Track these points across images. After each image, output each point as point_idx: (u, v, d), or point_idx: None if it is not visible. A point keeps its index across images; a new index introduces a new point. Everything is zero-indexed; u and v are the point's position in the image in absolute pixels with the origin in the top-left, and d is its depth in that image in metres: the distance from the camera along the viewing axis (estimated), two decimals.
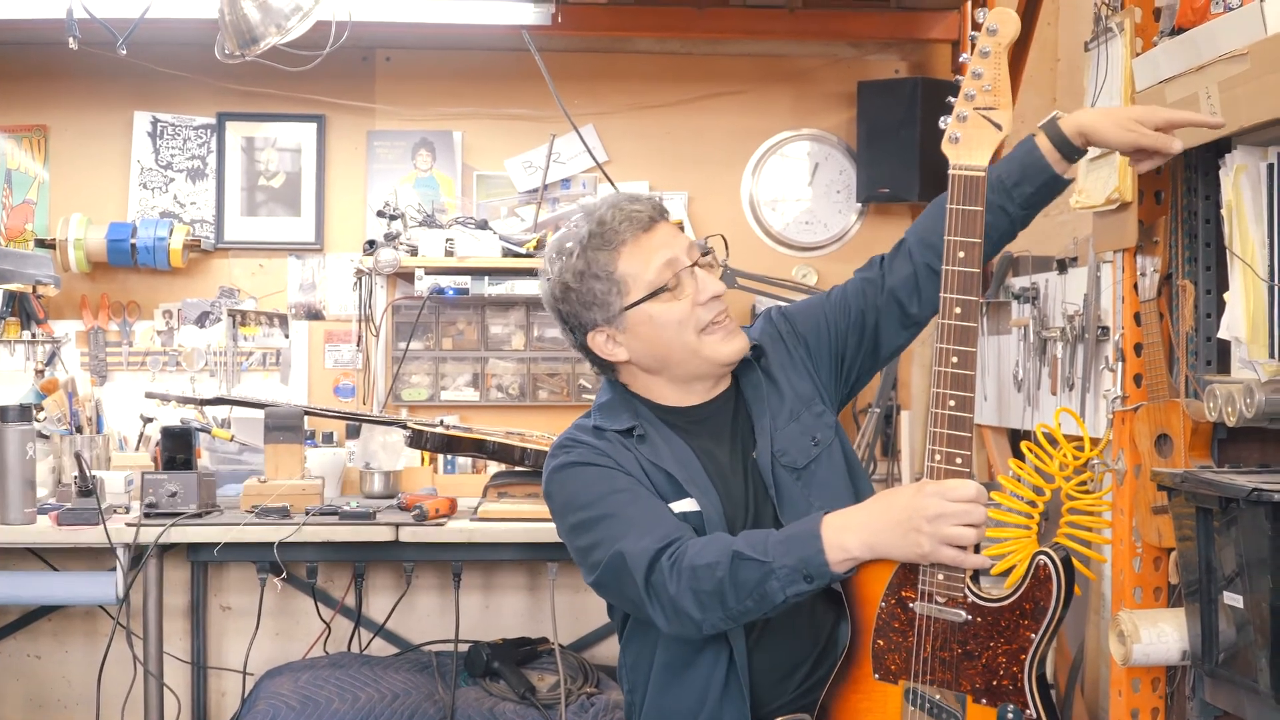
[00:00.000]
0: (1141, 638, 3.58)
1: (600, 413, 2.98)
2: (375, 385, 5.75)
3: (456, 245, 5.43)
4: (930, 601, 2.51)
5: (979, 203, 2.50)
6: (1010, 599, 2.46)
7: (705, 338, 2.87)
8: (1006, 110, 2.49)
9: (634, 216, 2.86)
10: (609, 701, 4.77)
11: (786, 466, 2.88)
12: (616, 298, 2.86)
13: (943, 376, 2.50)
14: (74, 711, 5.62)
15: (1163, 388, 3.65)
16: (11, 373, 5.61)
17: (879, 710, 2.61)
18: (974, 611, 2.48)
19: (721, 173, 5.85)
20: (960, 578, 2.48)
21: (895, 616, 2.56)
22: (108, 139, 5.77)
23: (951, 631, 2.50)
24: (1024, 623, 2.45)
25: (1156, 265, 3.64)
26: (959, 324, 2.49)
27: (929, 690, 2.53)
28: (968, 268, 2.49)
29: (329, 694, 4.75)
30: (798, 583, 2.57)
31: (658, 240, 2.87)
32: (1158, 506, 3.67)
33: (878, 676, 2.61)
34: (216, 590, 5.68)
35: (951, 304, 2.50)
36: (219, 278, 5.79)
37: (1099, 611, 4.69)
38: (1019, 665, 2.45)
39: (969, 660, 2.49)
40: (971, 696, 2.49)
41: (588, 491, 2.86)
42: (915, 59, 5.93)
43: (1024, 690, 2.45)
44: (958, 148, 2.51)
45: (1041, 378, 4.67)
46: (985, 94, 2.49)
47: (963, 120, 2.50)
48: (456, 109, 5.86)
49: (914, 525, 2.48)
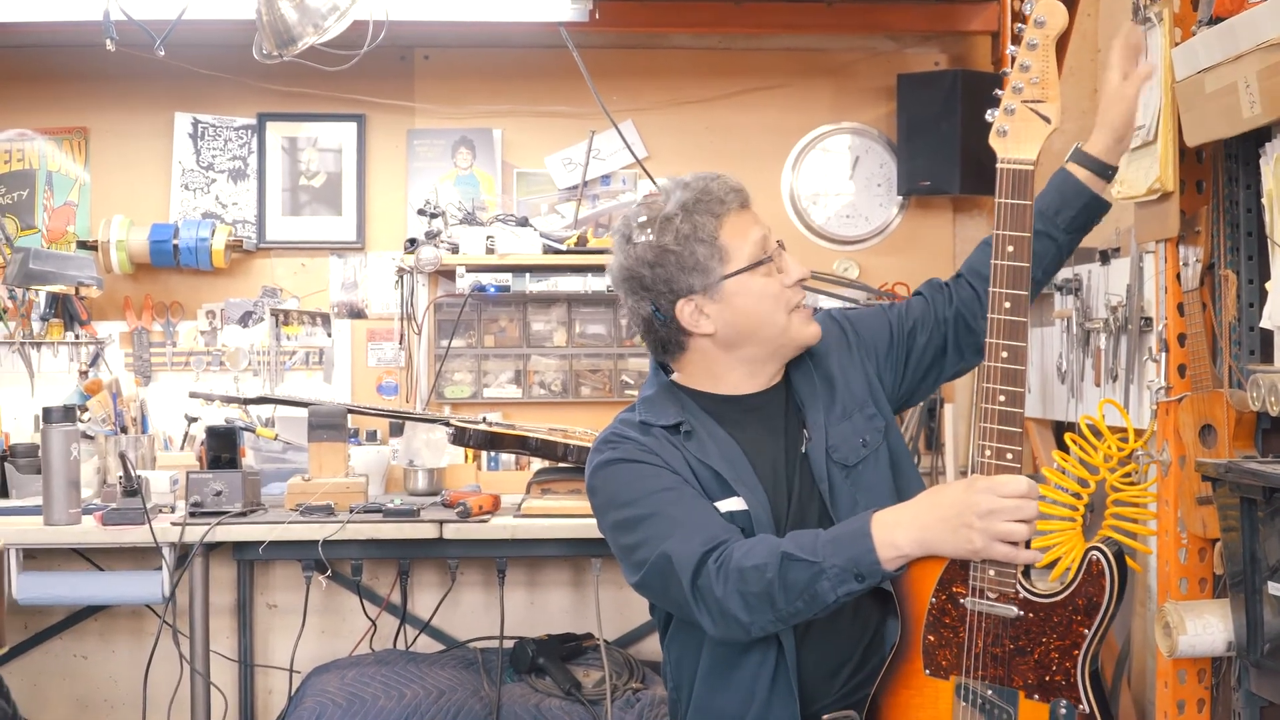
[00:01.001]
0: (1187, 629, 3.56)
1: (645, 407, 2.97)
2: (418, 383, 5.76)
3: (497, 243, 5.44)
4: (981, 597, 2.50)
5: (1028, 196, 2.49)
6: (1063, 594, 2.45)
7: (793, 317, 2.89)
8: (1055, 103, 2.47)
9: (736, 191, 2.90)
10: (655, 697, 4.77)
11: (838, 463, 2.87)
12: (718, 264, 2.86)
13: (992, 371, 2.48)
14: (120, 711, 5.64)
15: (1206, 378, 3.64)
16: (55, 374, 5.64)
17: (930, 706, 2.60)
18: (1026, 607, 2.46)
19: (762, 167, 5.84)
20: (1012, 573, 2.47)
21: (946, 612, 2.55)
22: (148, 140, 5.79)
23: (1003, 627, 2.49)
24: (1077, 618, 2.43)
25: (1199, 255, 3.62)
26: (1008, 319, 2.47)
27: (981, 686, 2.52)
28: (1017, 262, 2.47)
29: (375, 691, 4.76)
30: (849, 582, 2.57)
31: (753, 218, 2.91)
32: (1202, 497, 3.65)
33: (929, 672, 2.59)
34: (263, 588, 5.70)
35: (1001, 299, 2.49)
36: (261, 277, 5.82)
37: (1145, 603, 4.67)
38: (1072, 661, 2.44)
39: (1021, 656, 2.47)
40: (1024, 692, 2.48)
41: (631, 489, 2.84)
42: (955, 51, 5.90)
43: (1077, 686, 2.44)
44: (1006, 141, 2.50)
45: (1085, 369, 4.65)
46: (1033, 86, 2.48)
47: (1010, 113, 2.48)
48: (496, 106, 5.86)
49: (965, 521, 2.47)
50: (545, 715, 4.66)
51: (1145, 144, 3.70)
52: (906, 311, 3.07)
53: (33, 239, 5.71)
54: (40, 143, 5.76)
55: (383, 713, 4.62)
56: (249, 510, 4.74)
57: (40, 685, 5.63)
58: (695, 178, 2.92)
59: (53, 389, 5.60)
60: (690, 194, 2.88)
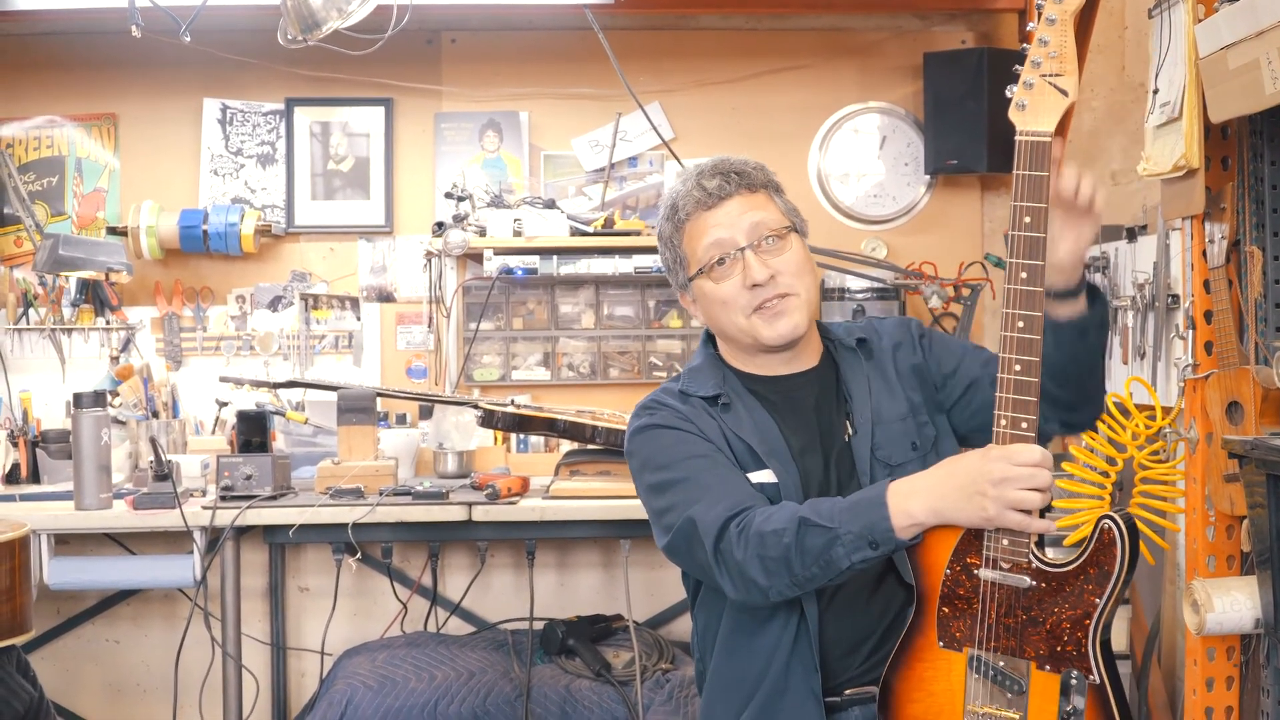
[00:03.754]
0: (1215, 606, 3.56)
1: (689, 377, 3.02)
2: (447, 366, 5.77)
3: (525, 225, 5.45)
4: (995, 568, 2.50)
5: (1045, 167, 2.48)
6: (1074, 563, 2.45)
7: (754, 318, 2.88)
8: (1072, 76, 2.47)
9: (701, 194, 2.90)
10: (684, 678, 4.78)
11: (882, 461, 2.87)
12: (681, 269, 2.95)
13: (1008, 341, 2.48)
14: (153, 695, 5.68)
15: (1233, 355, 3.63)
16: (86, 360, 5.67)
17: (944, 679, 2.60)
18: (1038, 577, 2.46)
19: (789, 148, 5.83)
20: (1025, 543, 2.46)
21: (960, 583, 2.55)
22: (177, 126, 5.81)
23: (1016, 597, 2.49)
24: (1088, 587, 2.43)
25: (1225, 232, 3.62)
26: (1024, 289, 2.47)
27: (993, 658, 2.52)
28: (1033, 233, 2.47)
29: (406, 673, 4.78)
30: (863, 549, 2.58)
31: (716, 219, 2.89)
32: (1229, 474, 3.65)
33: (942, 644, 2.60)
34: (294, 571, 5.73)
35: (1017, 269, 2.48)
36: (290, 262, 5.83)
37: (1174, 581, 4.66)
38: (1083, 630, 2.44)
39: (1033, 626, 2.47)
40: (1035, 663, 2.48)
41: (666, 454, 2.89)
42: (982, 29, 5.89)
43: (1088, 656, 2.44)
44: (1025, 114, 2.49)
45: (1113, 347, 4.64)
46: (1051, 60, 2.48)
47: (1029, 88, 2.48)
48: (522, 89, 5.87)
49: (979, 489, 2.47)
50: (575, 696, 4.67)
51: (1170, 120, 3.70)
52: (977, 353, 3.03)
53: (63, 225, 5.74)
54: (69, 129, 5.79)
55: (413, 694, 4.64)
56: (279, 494, 4.76)
57: (72, 670, 5.67)
58: (687, 174, 2.97)
59: (84, 375, 5.63)
60: (671, 197, 2.97)
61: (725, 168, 2.93)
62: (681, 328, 5.72)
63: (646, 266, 5.43)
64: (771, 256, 2.87)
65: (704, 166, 2.95)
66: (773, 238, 2.88)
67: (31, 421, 5.48)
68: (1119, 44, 5.52)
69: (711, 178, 2.91)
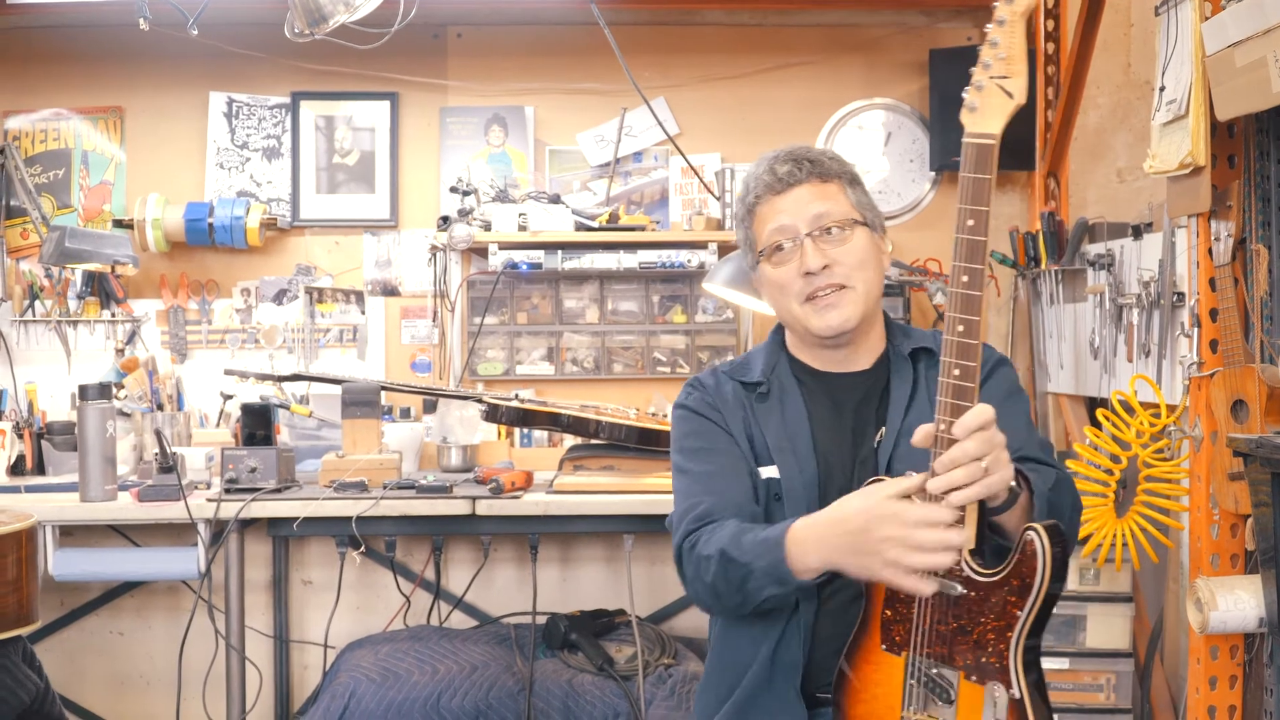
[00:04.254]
0: (1219, 605, 3.57)
1: (744, 359, 3.11)
2: (451, 360, 5.78)
3: (529, 220, 5.45)
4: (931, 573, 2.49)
5: (989, 171, 2.47)
6: (1001, 574, 2.41)
7: (806, 306, 2.92)
8: (1019, 78, 2.46)
9: (771, 178, 2.95)
10: (687, 673, 4.78)
11: (897, 472, 2.87)
12: (750, 251, 3.02)
13: (949, 345, 2.47)
14: (156, 687, 5.69)
15: (1238, 353, 3.63)
16: (92, 352, 5.68)
17: (886, 682, 2.61)
18: (969, 585, 2.43)
19: (793, 143, 5.81)
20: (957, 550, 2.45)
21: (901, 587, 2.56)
22: (183, 119, 5.82)
23: (949, 605, 2.47)
24: (1011, 599, 2.39)
25: (1230, 230, 3.62)
26: (965, 292, 2.45)
27: (926, 664, 2.52)
28: (976, 236, 2.46)
29: (409, 666, 4.79)
30: (772, 585, 2.67)
31: (782, 204, 2.93)
32: (1234, 473, 3.65)
33: (885, 648, 2.60)
34: (298, 564, 5.74)
35: (959, 271, 2.47)
36: (296, 255, 5.84)
37: (1177, 579, 4.67)
38: (1005, 643, 2.40)
39: (962, 635, 2.45)
40: (964, 673, 2.45)
41: (686, 440, 3.01)
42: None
43: (1009, 669, 2.40)
44: (974, 116, 2.50)
45: (1118, 344, 4.64)
46: (1000, 62, 2.47)
47: (979, 89, 2.48)
48: (528, 84, 5.87)
49: (867, 548, 2.47)
50: (578, 690, 4.68)
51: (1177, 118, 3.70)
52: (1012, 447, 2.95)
53: (69, 218, 5.75)
54: (76, 122, 5.79)
55: (416, 687, 4.65)
56: (283, 487, 4.77)
57: (76, 661, 5.68)
58: (763, 159, 3.01)
59: (89, 367, 5.65)
60: (745, 179, 3.02)
61: (799, 155, 2.96)
62: (685, 323, 5.72)
63: (651, 262, 5.44)
64: (832, 247, 2.89)
65: (780, 152, 2.99)
66: (836, 228, 2.90)
67: (37, 413, 5.49)
68: (1125, 41, 5.52)
69: (784, 164, 2.95)
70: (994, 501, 2.44)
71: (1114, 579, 4.65)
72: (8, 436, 5.27)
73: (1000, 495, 2.43)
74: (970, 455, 2.37)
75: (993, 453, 2.38)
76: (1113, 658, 4.66)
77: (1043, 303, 5.30)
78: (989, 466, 2.37)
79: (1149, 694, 4.74)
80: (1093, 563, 4.56)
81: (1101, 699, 4.65)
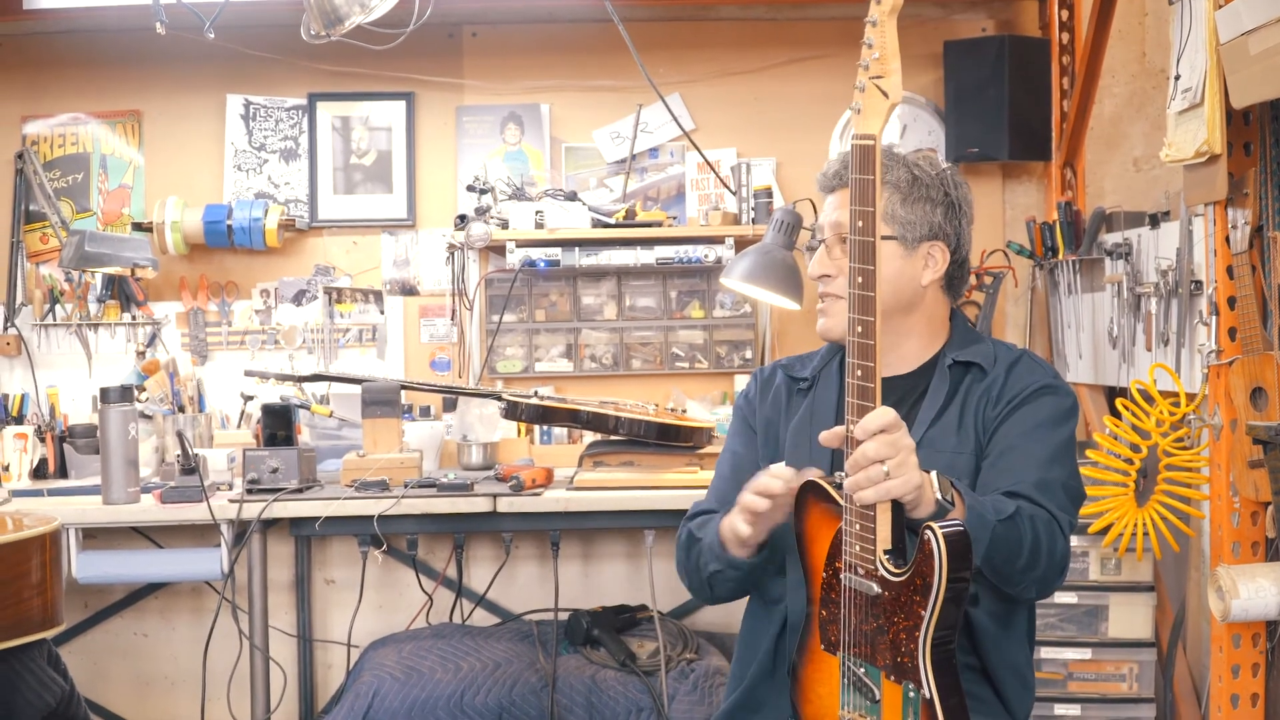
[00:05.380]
0: (1240, 593, 3.57)
1: (812, 353, 3.19)
2: (470, 358, 5.79)
3: (546, 217, 5.46)
4: (853, 572, 2.50)
5: (872, 171, 2.47)
6: (906, 574, 2.39)
7: (819, 306, 3.02)
8: (891, 77, 2.47)
9: (822, 177, 3.05)
10: (709, 667, 4.79)
11: None
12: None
13: (851, 345, 2.48)
14: (181, 688, 5.71)
15: (1256, 341, 3.64)
16: (113, 355, 5.70)
17: (827, 681, 2.63)
18: (883, 585, 2.43)
19: (809, 137, 5.82)
20: (871, 549, 2.45)
21: (832, 587, 2.57)
22: (201, 122, 5.84)
23: (870, 605, 2.46)
24: (916, 599, 2.37)
25: (1247, 217, 3.62)
26: (860, 294, 2.47)
27: (855, 664, 2.53)
28: (865, 236, 2.47)
29: (432, 664, 4.81)
30: (712, 561, 2.87)
31: (828, 202, 3.04)
32: (1254, 460, 3.65)
33: (824, 647, 2.62)
34: (320, 564, 5.75)
35: (854, 274, 2.48)
36: (314, 256, 5.85)
37: (1199, 568, 4.67)
38: (915, 642, 2.39)
39: (881, 635, 2.45)
40: (885, 672, 2.45)
41: (729, 434, 3.23)
42: (1002, 17, 5.87)
43: (919, 668, 2.39)
44: (859, 118, 2.51)
45: (1136, 334, 4.64)
46: (876, 63, 2.48)
47: (861, 90, 2.50)
48: (543, 82, 5.88)
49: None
50: (600, 686, 4.69)
51: (1192, 106, 3.70)
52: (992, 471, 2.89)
53: (88, 222, 5.77)
54: (94, 126, 5.81)
55: (439, 685, 4.66)
56: (305, 487, 4.78)
57: (100, 664, 5.71)
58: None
59: (110, 370, 5.67)
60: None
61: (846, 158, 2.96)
62: (703, 318, 5.72)
63: (668, 257, 5.44)
64: (842, 257, 2.92)
65: (846, 150, 2.99)
66: (827, 246, 2.96)
67: (59, 417, 5.52)
68: (1139, 30, 5.52)
69: (839, 162, 2.99)
70: (915, 510, 2.46)
71: (1135, 568, 4.65)
72: (30, 440, 5.29)
73: (918, 502, 2.45)
74: (869, 458, 2.40)
75: (896, 456, 2.39)
76: (1135, 647, 4.66)
77: (1060, 293, 5.29)
78: (890, 470, 2.39)
79: (1171, 683, 4.74)
80: (1114, 552, 4.56)
81: (1124, 688, 4.65)
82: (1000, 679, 2.84)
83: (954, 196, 2.97)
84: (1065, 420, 2.89)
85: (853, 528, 2.48)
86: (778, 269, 4.77)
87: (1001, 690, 2.84)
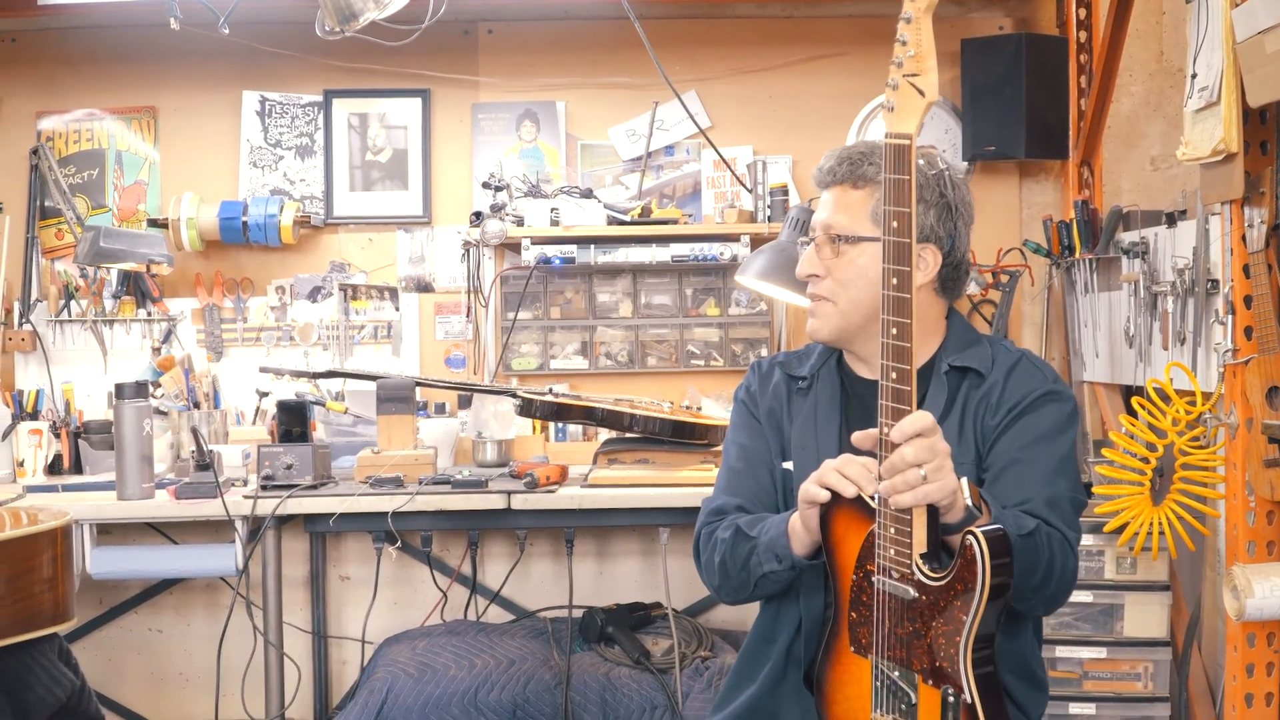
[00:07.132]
0: (1255, 592, 3.56)
1: (804, 350, 3.17)
2: (485, 355, 5.79)
3: (562, 215, 5.46)
4: (887, 576, 2.49)
5: (907, 171, 2.45)
6: (946, 579, 2.39)
7: (810, 307, 3.00)
8: (928, 75, 2.44)
9: (817, 173, 3.01)
10: (723, 665, 4.79)
11: None
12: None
13: (885, 348, 2.46)
14: (195, 684, 5.72)
15: (1273, 340, 3.62)
16: (128, 351, 5.71)
17: (856, 683, 2.62)
18: (920, 589, 2.43)
19: (825, 135, 5.80)
20: (907, 553, 2.44)
21: (863, 589, 2.56)
22: (217, 118, 5.84)
23: (905, 608, 2.46)
24: (956, 604, 2.37)
25: (1264, 216, 3.61)
26: (895, 295, 2.45)
27: (889, 667, 2.51)
28: (900, 238, 2.45)
29: (446, 661, 4.81)
30: (770, 560, 2.78)
31: (822, 200, 3.00)
32: (1270, 459, 3.64)
33: (854, 649, 2.60)
34: (335, 560, 5.76)
35: (889, 274, 2.46)
36: (329, 252, 5.85)
37: (1214, 567, 4.66)
38: (955, 647, 2.37)
39: (918, 639, 2.44)
40: (921, 676, 2.44)
41: (732, 429, 3.17)
42: (1019, 15, 5.86)
43: (959, 673, 2.38)
44: (892, 116, 2.49)
45: (1153, 332, 4.63)
46: (910, 60, 2.45)
47: (894, 88, 2.47)
48: (559, 79, 5.87)
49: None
50: (615, 684, 4.69)
51: (1209, 105, 3.69)
52: (996, 482, 2.85)
53: (103, 218, 5.77)
54: (109, 122, 5.82)
55: (454, 682, 4.66)
56: (320, 483, 4.79)
57: (115, 659, 5.71)
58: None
59: (125, 366, 5.68)
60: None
61: (850, 154, 2.95)
62: (719, 316, 5.71)
63: (684, 255, 5.44)
64: (830, 257, 2.90)
65: (845, 147, 2.99)
66: (839, 240, 2.90)
67: (74, 412, 5.53)
68: (1156, 29, 5.50)
69: (832, 159, 2.96)
70: (947, 515, 2.46)
71: (1151, 568, 4.64)
72: (45, 436, 5.30)
73: (950, 507, 2.44)
74: (907, 461, 2.39)
75: (934, 460, 2.39)
76: (1150, 646, 4.65)
77: (1077, 291, 5.28)
78: (928, 475, 2.38)
79: (1187, 682, 4.73)
80: (1129, 551, 4.55)
81: (1139, 688, 4.64)
82: (1010, 680, 2.82)
83: (950, 197, 2.91)
84: (1067, 428, 2.87)
85: (887, 531, 2.47)
86: (793, 267, 4.74)
87: (1012, 691, 2.83)
